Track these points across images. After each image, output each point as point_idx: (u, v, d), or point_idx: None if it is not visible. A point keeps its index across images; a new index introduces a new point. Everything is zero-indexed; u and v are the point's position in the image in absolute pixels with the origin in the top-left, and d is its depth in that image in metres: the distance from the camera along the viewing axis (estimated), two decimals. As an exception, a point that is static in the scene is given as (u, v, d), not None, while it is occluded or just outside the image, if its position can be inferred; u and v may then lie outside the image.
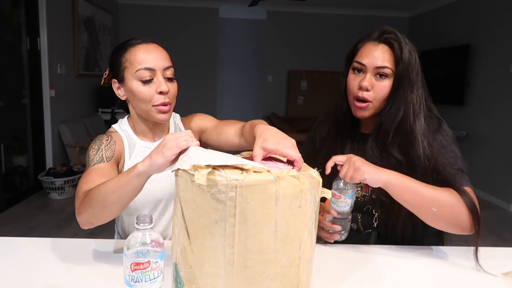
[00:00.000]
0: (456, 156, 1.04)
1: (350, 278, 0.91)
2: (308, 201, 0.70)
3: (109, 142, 1.07)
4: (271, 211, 0.67)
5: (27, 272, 0.89)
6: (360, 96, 1.06)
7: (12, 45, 3.81)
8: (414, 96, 1.04)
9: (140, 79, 1.01)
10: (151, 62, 1.01)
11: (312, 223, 0.72)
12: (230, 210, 0.66)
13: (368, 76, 1.05)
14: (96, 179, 0.95)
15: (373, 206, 1.13)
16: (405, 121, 1.04)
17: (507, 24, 4.06)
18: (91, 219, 0.89)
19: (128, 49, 1.04)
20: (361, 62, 1.06)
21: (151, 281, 0.70)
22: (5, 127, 3.64)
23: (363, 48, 1.07)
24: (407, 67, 1.02)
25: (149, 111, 1.04)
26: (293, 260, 0.70)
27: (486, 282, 0.92)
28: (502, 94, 4.09)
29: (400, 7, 5.99)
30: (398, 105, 1.04)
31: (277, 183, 0.66)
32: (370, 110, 1.07)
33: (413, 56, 1.04)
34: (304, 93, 6.29)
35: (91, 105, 5.07)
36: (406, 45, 1.04)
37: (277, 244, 0.68)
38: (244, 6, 5.39)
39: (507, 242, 3.09)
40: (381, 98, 1.05)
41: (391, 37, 1.04)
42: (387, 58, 1.03)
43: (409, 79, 1.03)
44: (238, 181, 0.65)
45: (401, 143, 1.05)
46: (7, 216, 3.30)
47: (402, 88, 1.03)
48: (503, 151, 4.04)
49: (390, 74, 1.04)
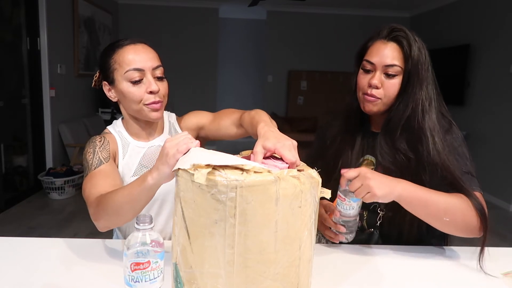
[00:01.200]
0: (465, 158, 1.04)
1: (351, 278, 0.91)
2: (308, 201, 0.70)
3: (103, 143, 1.07)
4: (271, 212, 0.66)
5: (27, 272, 0.89)
6: (369, 93, 1.07)
7: (12, 45, 3.81)
8: (423, 93, 1.04)
9: (129, 80, 1.01)
10: (139, 63, 1.01)
11: (312, 223, 0.72)
12: (230, 210, 0.66)
13: (378, 74, 1.06)
14: (102, 182, 0.97)
15: (380, 204, 1.12)
16: (412, 117, 1.04)
17: (507, 24, 4.06)
18: (108, 225, 0.94)
19: (116, 51, 1.03)
20: (371, 61, 1.07)
21: (151, 281, 0.70)
22: (5, 127, 3.64)
23: (373, 46, 1.08)
24: (416, 64, 1.03)
25: (141, 110, 1.04)
26: (293, 260, 0.70)
27: (486, 282, 0.92)
28: (502, 94, 4.09)
29: (400, 7, 5.99)
30: (407, 102, 1.04)
31: (277, 184, 0.66)
32: (379, 106, 1.08)
33: (423, 53, 1.04)
34: (304, 93, 6.29)
35: (91, 105, 5.07)
36: (416, 42, 1.04)
37: (277, 244, 0.68)
38: (244, 6, 5.39)
39: (507, 242, 3.09)
40: (390, 95, 1.06)
41: (400, 35, 1.04)
42: (396, 55, 1.04)
43: (418, 76, 1.03)
44: (238, 181, 0.65)
45: (409, 139, 1.05)
46: (7, 216, 3.30)
47: (411, 85, 1.04)
48: (503, 151, 4.04)
49: (400, 72, 1.04)
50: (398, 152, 1.06)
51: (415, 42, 1.04)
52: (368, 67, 1.08)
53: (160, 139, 1.15)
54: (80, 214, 3.32)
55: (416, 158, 1.04)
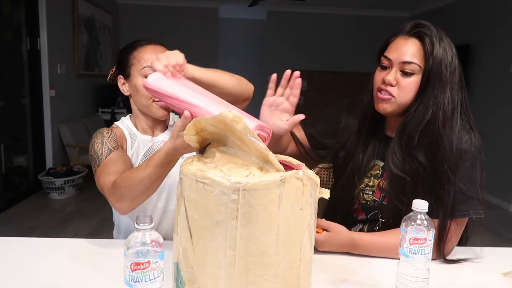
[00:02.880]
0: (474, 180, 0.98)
1: (351, 279, 0.91)
2: (308, 203, 0.70)
3: (110, 134, 1.11)
4: (273, 215, 0.66)
5: (27, 272, 0.89)
6: (383, 89, 0.99)
7: (12, 45, 3.81)
8: (446, 97, 0.95)
9: (144, 76, 1.06)
10: None
11: (312, 224, 0.72)
12: (233, 212, 0.65)
13: (394, 71, 0.98)
14: (114, 169, 1.01)
15: (381, 212, 1.09)
16: (433, 123, 0.95)
17: (507, 24, 4.06)
18: (131, 204, 0.97)
19: (137, 48, 1.11)
20: (388, 57, 1.00)
21: (151, 281, 0.70)
22: (5, 127, 3.64)
23: (393, 42, 1.01)
24: (439, 64, 0.94)
25: (150, 106, 1.10)
26: (293, 262, 0.70)
27: (486, 282, 0.92)
28: (502, 94, 4.09)
29: (400, 7, 5.98)
30: (427, 105, 0.95)
31: (281, 187, 0.66)
32: (393, 106, 1.00)
33: (448, 53, 0.96)
34: (304, 93, 6.28)
35: (91, 105, 5.07)
36: (441, 41, 0.96)
37: (278, 247, 0.68)
38: (244, 6, 5.39)
39: (507, 242, 3.09)
40: (406, 95, 0.98)
41: (424, 31, 0.97)
42: (415, 53, 0.96)
43: (441, 77, 0.94)
44: (241, 184, 0.64)
45: (428, 147, 0.97)
46: (7, 216, 3.30)
47: (431, 86, 0.95)
48: (503, 151, 4.04)
49: (418, 71, 0.96)
50: (414, 160, 0.98)
51: (441, 40, 0.96)
52: (385, 63, 1.01)
53: (165, 135, 1.20)
54: (80, 214, 3.32)
55: (431, 168, 0.97)
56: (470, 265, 0.99)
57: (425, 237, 0.75)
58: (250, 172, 0.67)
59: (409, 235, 0.76)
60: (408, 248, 0.76)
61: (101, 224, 3.12)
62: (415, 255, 0.76)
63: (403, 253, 0.78)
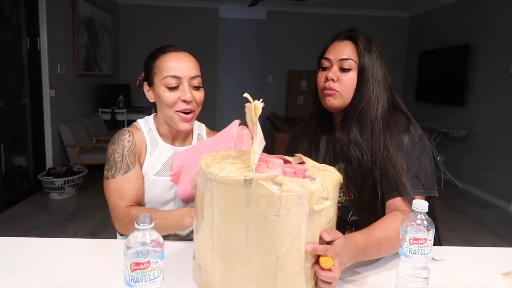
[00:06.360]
0: (415, 161, 1.02)
1: (350, 279, 0.91)
2: (291, 211, 0.67)
3: (131, 144, 1.11)
4: (242, 213, 0.68)
5: (27, 272, 0.89)
6: (327, 86, 1.09)
7: (12, 45, 3.81)
8: (377, 89, 1.08)
9: (166, 86, 1.08)
10: (178, 71, 1.08)
11: (299, 237, 0.69)
12: (208, 200, 0.72)
13: (334, 69, 1.10)
14: (128, 192, 1.07)
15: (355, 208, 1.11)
16: (366, 112, 1.07)
17: (507, 24, 4.06)
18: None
19: (159, 56, 1.10)
20: (327, 57, 1.11)
21: (151, 281, 0.70)
22: (5, 127, 3.64)
23: (331, 46, 1.14)
24: (370, 60, 1.07)
25: (172, 117, 1.10)
26: (267, 268, 0.69)
27: (486, 282, 0.92)
28: (502, 94, 4.09)
29: (400, 7, 5.99)
30: (361, 96, 1.07)
31: (248, 188, 0.66)
32: (339, 100, 1.10)
33: (374, 49, 1.08)
34: (304, 93, 6.29)
35: (91, 105, 5.07)
36: (370, 42, 1.09)
37: (249, 247, 0.69)
38: (244, 6, 5.39)
39: (507, 242, 3.09)
40: (347, 89, 1.08)
41: (355, 34, 1.10)
42: (351, 52, 1.09)
43: (372, 71, 1.07)
44: (212, 174, 0.70)
45: (363, 133, 1.08)
46: (7, 216, 3.30)
47: (364, 80, 1.07)
48: (503, 151, 4.04)
49: (354, 66, 1.08)
50: (352, 145, 1.07)
51: (369, 41, 1.10)
52: (325, 64, 1.12)
53: (187, 145, 1.20)
54: (80, 214, 3.32)
55: (369, 153, 1.06)
56: (470, 265, 0.99)
57: (425, 237, 0.75)
58: (231, 167, 0.73)
59: (409, 235, 0.76)
60: (408, 248, 0.76)
61: (101, 224, 3.12)
62: (415, 255, 0.76)
63: (403, 253, 0.78)
